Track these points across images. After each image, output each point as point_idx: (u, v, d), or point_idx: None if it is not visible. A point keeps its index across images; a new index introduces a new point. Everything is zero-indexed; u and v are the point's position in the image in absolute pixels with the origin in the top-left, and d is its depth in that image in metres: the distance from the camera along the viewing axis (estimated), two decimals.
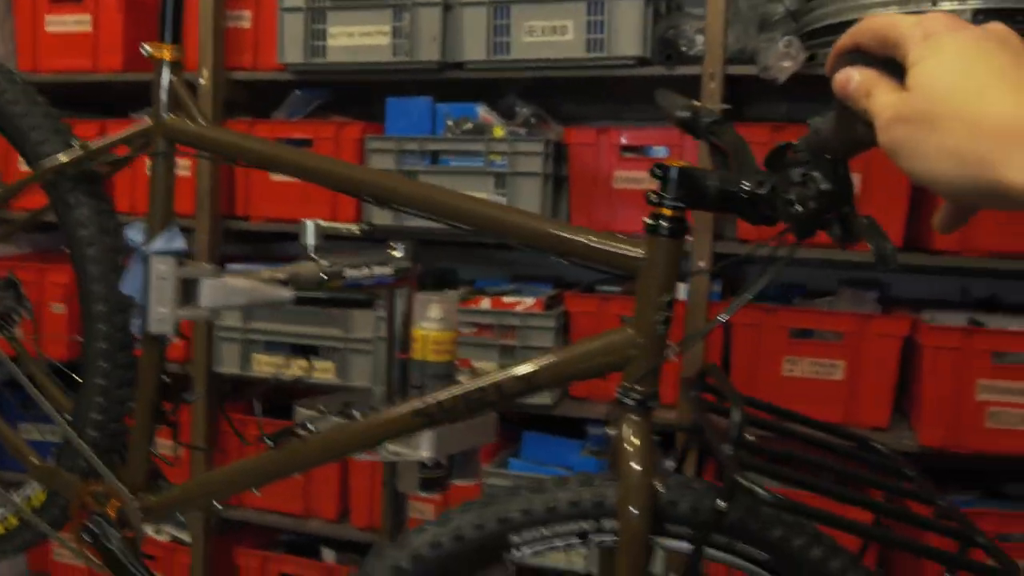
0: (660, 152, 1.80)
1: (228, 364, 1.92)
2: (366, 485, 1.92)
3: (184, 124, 1.05)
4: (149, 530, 1.18)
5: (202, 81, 1.81)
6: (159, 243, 1.02)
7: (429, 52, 1.78)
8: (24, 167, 1.16)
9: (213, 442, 2.00)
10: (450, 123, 1.76)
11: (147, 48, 1.10)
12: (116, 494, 1.13)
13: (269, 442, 1.03)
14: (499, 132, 1.74)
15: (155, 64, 1.09)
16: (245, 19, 1.96)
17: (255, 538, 2.18)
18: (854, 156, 0.66)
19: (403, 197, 0.97)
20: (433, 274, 2.14)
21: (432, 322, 1.26)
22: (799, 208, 0.70)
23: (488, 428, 1.32)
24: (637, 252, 0.85)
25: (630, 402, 0.87)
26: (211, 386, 1.94)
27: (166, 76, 1.08)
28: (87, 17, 2.04)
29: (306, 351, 1.86)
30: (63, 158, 1.10)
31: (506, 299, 1.78)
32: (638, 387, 0.86)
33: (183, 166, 1.94)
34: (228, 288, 1.03)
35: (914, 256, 1.66)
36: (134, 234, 1.05)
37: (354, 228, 1.20)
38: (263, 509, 2.03)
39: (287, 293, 1.05)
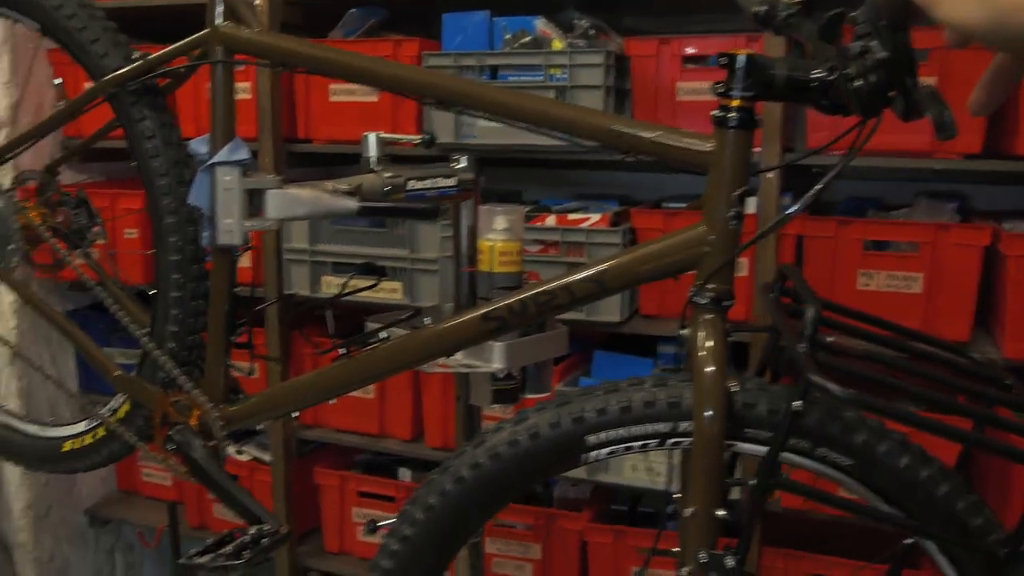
0: None
1: (298, 286, 1.95)
2: (439, 406, 1.94)
3: (239, 31, 1.04)
4: (232, 449, 1.21)
5: (258, 1, 1.79)
6: (223, 153, 1.02)
7: None
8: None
9: (287, 363, 2.04)
10: (508, 37, 1.71)
11: None
12: (196, 404, 1.16)
13: (342, 349, 1.04)
14: (558, 45, 1.69)
15: None
16: None
17: (332, 459, 2.24)
18: (911, 22, 0.62)
19: (464, 96, 0.95)
20: (499, 195, 2.12)
21: (498, 233, 1.25)
22: (859, 82, 0.67)
23: (560, 341, 1.31)
24: (706, 146, 0.82)
25: (704, 301, 0.84)
26: (283, 308, 1.98)
27: None
28: None
29: (374, 272, 1.88)
30: (124, 70, 1.10)
31: (572, 216, 1.76)
32: (711, 285, 0.84)
33: (244, 88, 1.94)
34: (293, 198, 1.04)
35: (994, 163, 1.57)
36: (199, 146, 1.05)
37: (415, 139, 1.18)
38: (340, 429, 2.07)
39: (351, 203, 1.05)
